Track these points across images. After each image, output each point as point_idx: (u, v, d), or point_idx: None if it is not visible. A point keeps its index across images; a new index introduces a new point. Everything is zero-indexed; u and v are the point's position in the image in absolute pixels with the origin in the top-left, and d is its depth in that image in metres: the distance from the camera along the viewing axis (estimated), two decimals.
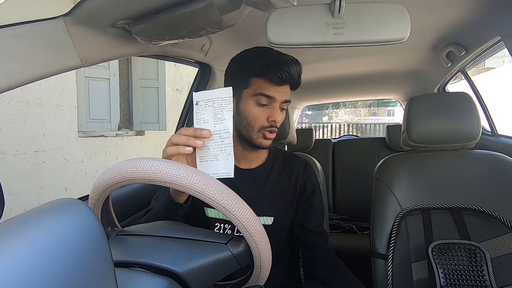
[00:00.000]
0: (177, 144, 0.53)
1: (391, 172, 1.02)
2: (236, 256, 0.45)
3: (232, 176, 0.54)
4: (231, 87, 0.52)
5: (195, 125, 0.54)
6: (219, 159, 0.54)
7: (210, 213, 0.76)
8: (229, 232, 0.75)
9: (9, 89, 0.53)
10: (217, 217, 0.75)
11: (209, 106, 0.53)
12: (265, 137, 0.72)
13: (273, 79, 0.68)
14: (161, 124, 3.76)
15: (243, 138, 0.75)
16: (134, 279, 0.38)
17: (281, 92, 0.70)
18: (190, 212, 0.68)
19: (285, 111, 0.76)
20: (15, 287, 0.21)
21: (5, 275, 0.21)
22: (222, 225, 0.75)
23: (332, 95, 2.43)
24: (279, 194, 0.79)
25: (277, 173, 0.81)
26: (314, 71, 1.64)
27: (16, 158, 2.43)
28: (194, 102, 0.54)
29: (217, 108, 0.53)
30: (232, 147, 0.54)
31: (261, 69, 0.69)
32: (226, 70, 0.77)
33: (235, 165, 0.82)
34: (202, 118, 0.54)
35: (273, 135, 0.73)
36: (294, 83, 0.72)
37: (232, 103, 0.53)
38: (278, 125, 0.73)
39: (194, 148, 0.54)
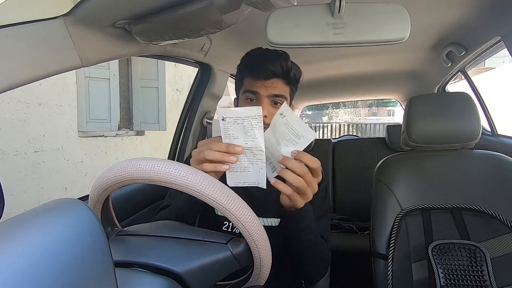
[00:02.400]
0: (212, 161, 0.54)
1: (391, 172, 1.02)
2: (236, 256, 0.45)
3: (265, 187, 0.56)
4: (260, 107, 0.53)
5: (224, 139, 0.55)
6: (250, 170, 0.56)
7: (220, 211, 0.76)
8: (237, 231, 0.75)
9: (9, 89, 0.53)
10: None
11: (238, 123, 0.54)
12: None
13: (256, 75, 0.71)
14: (161, 124, 3.76)
15: None
16: (134, 279, 0.38)
17: (267, 87, 0.72)
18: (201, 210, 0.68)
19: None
20: (15, 287, 0.21)
21: (5, 275, 0.21)
22: (230, 223, 0.76)
23: (332, 95, 2.43)
24: None
25: None
26: (314, 71, 1.64)
27: (16, 158, 2.44)
28: (221, 118, 0.55)
29: (247, 127, 0.53)
30: (265, 163, 0.55)
31: (247, 68, 0.74)
32: None
33: None
34: (231, 134, 0.55)
35: None
36: (283, 76, 0.72)
37: (262, 121, 0.53)
38: (267, 120, 0.70)
39: None
